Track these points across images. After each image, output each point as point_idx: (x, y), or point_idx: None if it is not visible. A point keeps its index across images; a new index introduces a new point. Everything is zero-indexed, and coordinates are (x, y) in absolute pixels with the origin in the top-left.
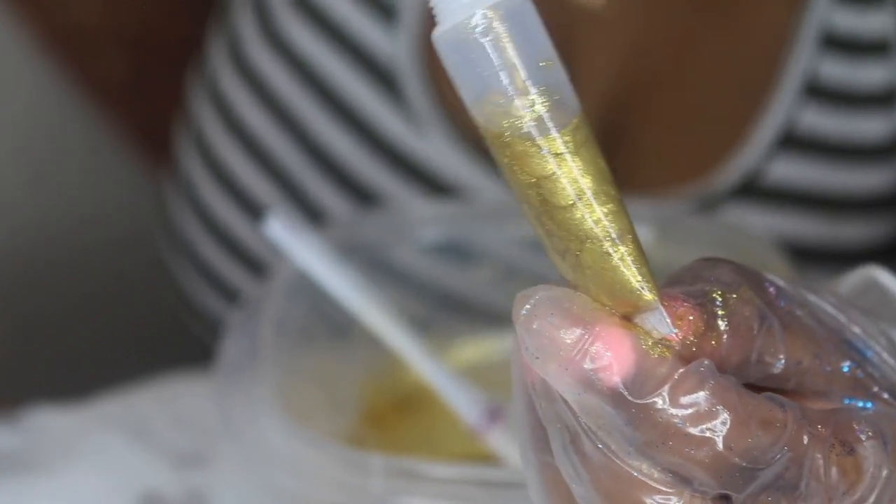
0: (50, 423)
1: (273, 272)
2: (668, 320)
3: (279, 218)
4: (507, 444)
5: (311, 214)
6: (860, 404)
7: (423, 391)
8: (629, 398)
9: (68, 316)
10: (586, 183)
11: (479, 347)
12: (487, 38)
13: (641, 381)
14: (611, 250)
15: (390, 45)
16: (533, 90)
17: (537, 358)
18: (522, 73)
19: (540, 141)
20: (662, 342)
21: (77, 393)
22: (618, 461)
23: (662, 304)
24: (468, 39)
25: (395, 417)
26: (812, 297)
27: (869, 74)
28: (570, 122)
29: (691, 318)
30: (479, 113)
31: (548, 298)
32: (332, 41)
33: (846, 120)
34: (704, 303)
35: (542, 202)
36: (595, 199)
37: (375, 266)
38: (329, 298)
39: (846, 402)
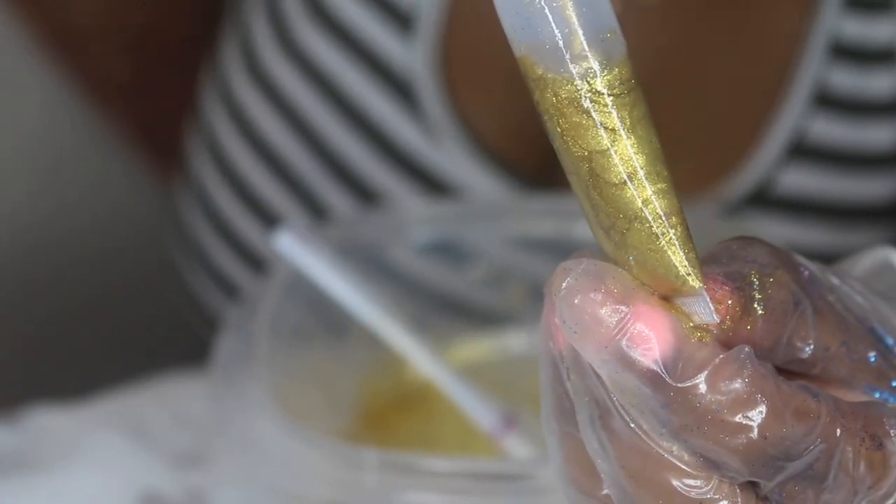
0: (50, 423)
1: (271, 270)
2: (712, 308)
3: (290, 231)
4: (523, 450)
5: (324, 222)
6: (878, 394)
7: (422, 391)
8: (668, 381)
9: (70, 317)
10: (639, 161)
11: (475, 347)
12: (551, 4)
13: (680, 365)
14: (658, 232)
15: (406, 54)
16: (594, 62)
17: (575, 332)
18: (584, 44)
19: (596, 115)
20: (702, 326)
21: (80, 394)
22: (648, 441)
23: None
24: (530, 3)
25: (393, 417)
26: (838, 283)
27: (877, 83)
28: (628, 97)
29: (730, 302)
30: (537, 81)
31: (591, 273)
32: (348, 50)
33: (855, 129)
34: (743, 286)
35: (593, 176)
36: (647, 178)
37: (371, 266)
38: (346, 312)
39: (868, 390)
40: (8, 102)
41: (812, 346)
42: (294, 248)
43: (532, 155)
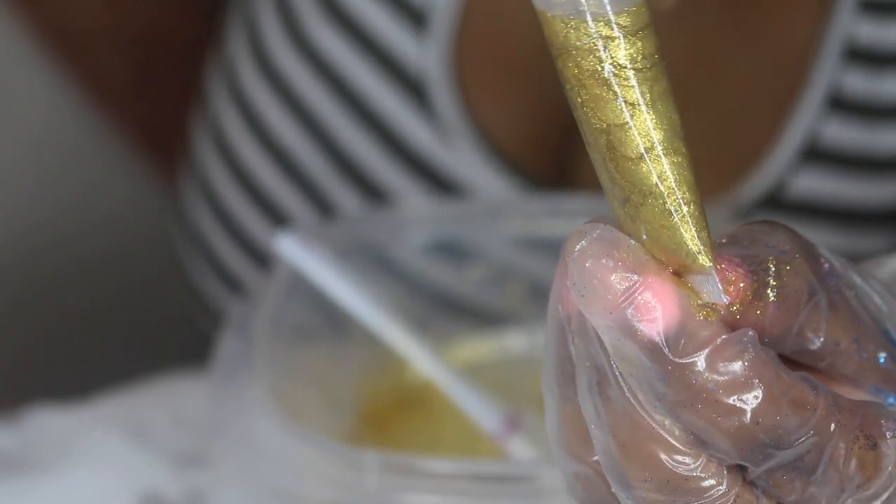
0: (50, 423)
1: (273, 269)
2: (720, 288)
3: (291, 234)
4: (526, 452)
5: (326, 221)
6: (890, 399)
7: (423, 391)
8: (668, 354)
9: (74, 318)
10: (657, 136)
11: (475, 348)
12: None
13: (682, 340)
14: (672, 209)
15: (419, 53)
16: (619, 35)
17: (583, 296)
18: (609, 14)
19: (617, 88)
20: (709, 305)
21: (82, 394)
22: (641, 412)
23: (716, 266)
24: None
25: (393, 418)
26: (859, 281)
27: (891, 86)
28: (650, 72)
29: (742, 285)
30: (559, 48)
31: (605, 239)
32: (360, 47)
33: (869, 132)
34: (757, 270)
35: (610, 149)
36: (664, 154)
37: (371, 265)
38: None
39: (873, 391)
40: (10, 104)
41: (822, 339)
42: (295, 250)
43: (544, 157)
